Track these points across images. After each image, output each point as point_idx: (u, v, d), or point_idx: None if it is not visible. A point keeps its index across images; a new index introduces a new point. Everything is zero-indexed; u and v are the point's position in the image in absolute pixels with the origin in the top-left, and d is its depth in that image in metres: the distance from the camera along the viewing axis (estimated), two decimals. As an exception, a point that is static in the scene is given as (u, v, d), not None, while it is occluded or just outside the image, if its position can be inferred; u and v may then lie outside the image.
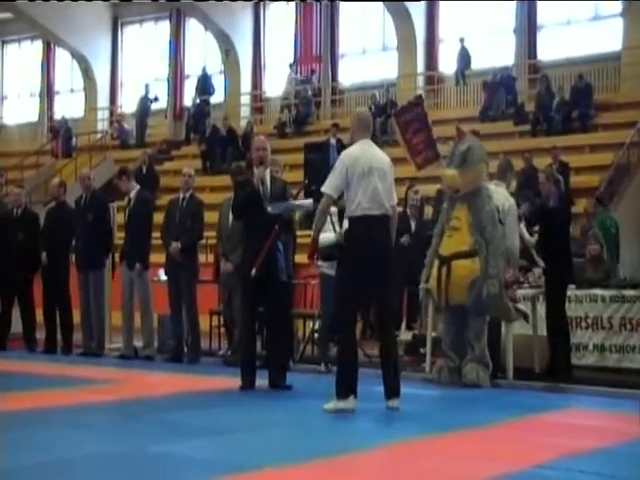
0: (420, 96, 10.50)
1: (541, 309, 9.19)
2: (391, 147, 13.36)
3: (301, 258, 9.60)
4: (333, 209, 9.17)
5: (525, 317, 8.86)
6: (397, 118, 9.48)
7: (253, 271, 7.39)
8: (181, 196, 10.19)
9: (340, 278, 6.65)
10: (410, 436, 5.64)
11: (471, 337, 8.04)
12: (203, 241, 11.24)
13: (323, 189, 6.59)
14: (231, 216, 9.77)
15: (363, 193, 6.47)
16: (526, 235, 9.04)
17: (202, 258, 11.11)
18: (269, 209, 7.53)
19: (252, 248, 7.57)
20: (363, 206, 6.47)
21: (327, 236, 9.07)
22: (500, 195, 8.48)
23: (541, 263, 9.01)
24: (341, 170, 6.53)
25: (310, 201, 7.79)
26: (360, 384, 6.42)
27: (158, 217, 10.94)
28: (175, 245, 9.90)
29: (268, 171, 7.81)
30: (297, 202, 7.89)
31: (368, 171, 6.51)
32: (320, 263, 9.17)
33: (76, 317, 10.95)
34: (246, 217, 7.80)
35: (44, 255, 10.83)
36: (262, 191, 7.68)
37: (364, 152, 6.62)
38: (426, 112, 9.76)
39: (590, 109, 17.14)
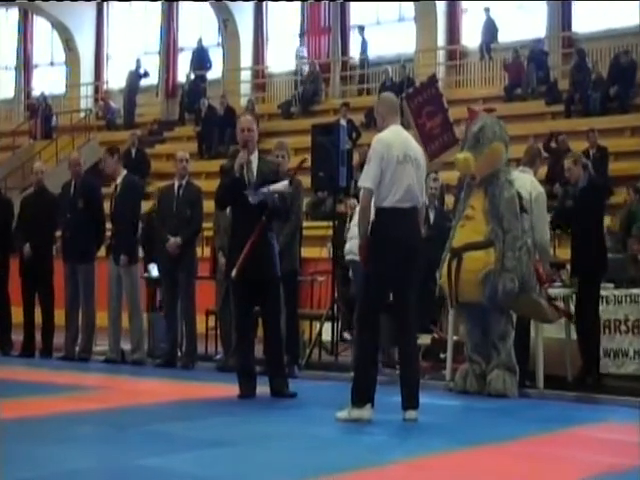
0: (434, 75, 10.47)
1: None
2: (408, 131, 13.36)
3: (308, 252, 9.63)
4: (285, 183, 9.22)
5: (568, 316, 8.77)
6: (409, 101, 9.50)
7: (233, 272, 7.43)
8: (177, 184, 10.22)
9: (366, 275, 6.70)
10: (428, 452, 5.66)
11: (495, 339, 8.04)
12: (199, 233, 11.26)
13: (361, 183, 6.63)
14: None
15: (397, 183, 6.52)
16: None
17: (198, 252, 11.13)
18: (249, 199, 7.50)
19: (236, 244, 7.59)
20: (396, 197, 6.52)
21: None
22: (525, 181, 8.44)
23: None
24: (376, 158, 6.58)
25: (285, 183, 7.75)
26: (385, 394, 6.45)
27: (146, 206, 10.97)
28: (174, 240, 9.93)
29: (255, 155, 7.78)
30: (272, 187, 7.72)
31: (403, 159, 6.59)
32: (351, 250, 9.17)
33: (58, 317, 11.00)
34: (231, 207, 7.83)
35: (27, 247, 10.86)
36: (247, 178, 7.64)
37: (397, 138, 6.69)
38: (441, 93, 9.79)
39: (632, 87, 17.10)
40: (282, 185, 7.75)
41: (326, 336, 10.82)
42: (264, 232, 7.57)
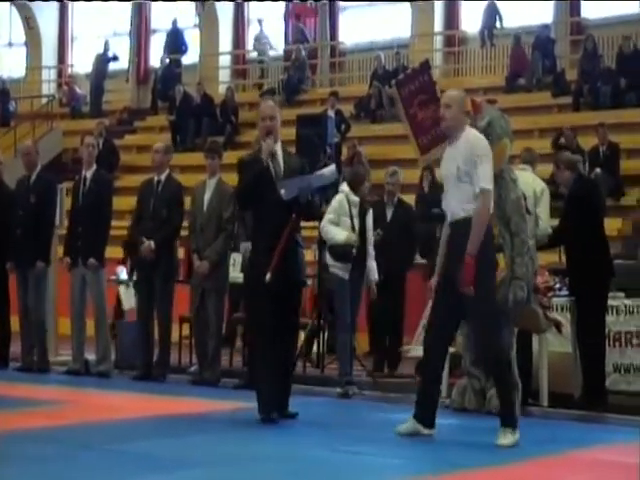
0: (426, 61, 10.47)
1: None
2: (400, 123, 13.37)
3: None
4: (355, 199, 9.27)
5: (557, 327, 8.83)
6: (399, 89, 9.51)
7: (267, 276, 7.13)
8: (155, 179, 10.19)
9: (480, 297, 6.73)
10: (419, 475, 5.66)
11: (497, 352, 8.06)
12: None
13: (486, 185, 6.71)
14: (206, 203, 9.82)
15: None
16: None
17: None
18: (282, 193, 7.24)
19: (263, 245, 7.34)
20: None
21: (338, 231, 9.18)
22: (527, 179, 8.50)
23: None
24: (490, 158, 6.81)
25: (332, 168, 7.60)
26: (371, 410, 6.45)
27: (116, 203, 10.93)
28: (147, 244, 9.91)
29: (279, 145, 7.57)
30: (315, 175, 7.53)
31: None
32: (332, 262, 9.24)
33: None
34: (254, 205, 7.51)
35: None
36: (274, 170, 7.42)
37: None
38: (435, 80, 9.77)
39: (641, 78, 17.12)
40: (329, 171, 7.64)
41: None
42: (294, 231, 7.38)
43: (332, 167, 7.72)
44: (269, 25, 23.00)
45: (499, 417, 6.81)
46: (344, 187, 9.41)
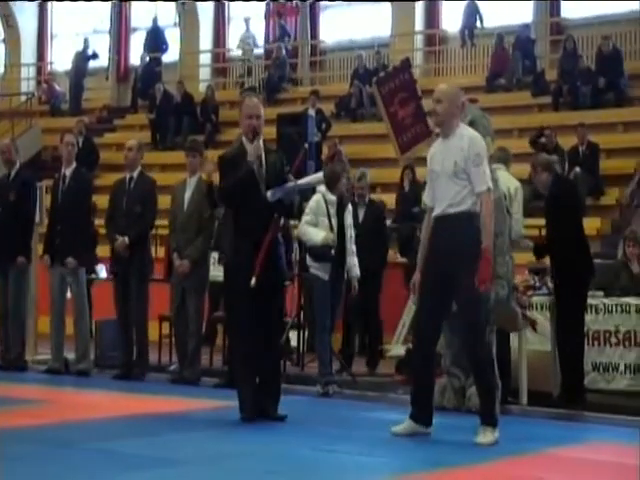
0: (407, 59, 10.51)
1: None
2: (381, 122, 13.39)
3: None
4: (332, 197, 9.28)
5: (533, 325, 8.86)
6: (379, 87, 9.50)
7: (253, 281, 7.09)
8: (127, 176, 10.18)
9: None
10: (401, 473, 5.67)
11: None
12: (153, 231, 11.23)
13: (490, 185, 6.78)
14: (186, 201, 9.81)
15: None
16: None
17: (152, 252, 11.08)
18: (268, 195, 7.21)
19: (245, 246, 7.29)
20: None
21: (316, 232, 9.18)
22: (504, 178, 8.54)
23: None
24: (485, 158, 6.87)
25: (320, 175, 7.60)
26: (350, 409, 6.46)
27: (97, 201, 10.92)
28: (122, 240, 9.90)
29: (261, 143, 7.46)
30: (303, 180, 7.52)
31: None
32: (311, 263, 9.25)
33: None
34: (238, 205, 7.41)
35: None
36: (258, 172, 7.32)
37: None
38: (415, 79, 9.76)
39: (621, 78, 17.20)
40: (316, 178, 7.71)
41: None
42: (276, 233, 7.36)
43: (319, 174, 7.75)
44: (251, 24, 22.96)
45: (479, 415, 6.83)
46: (321, 187, 9.42)
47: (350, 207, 9.61)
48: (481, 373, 6.89)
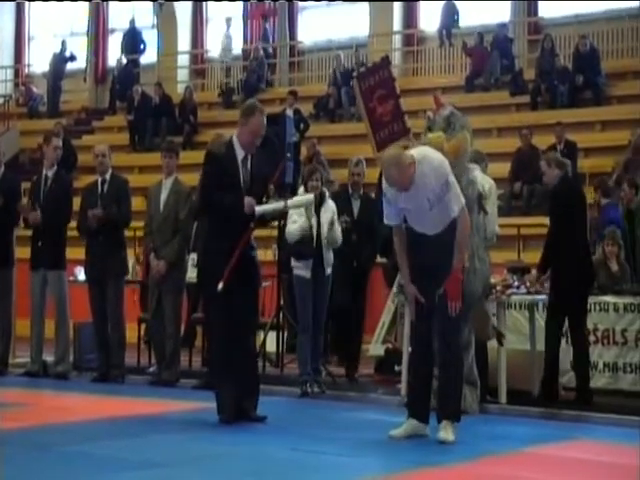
0: (387, 57, 10.52)
1: (541, 319, 9.28)
2: (359, 122, 13.40)
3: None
4: (310, 197, 9.25)
5: (499, 339, 8.75)
6: (360, 82, 9.50)
7: (220, 285, 7.12)
8: (99, 179, 10.15)
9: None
10: (380, 473, 5.68)
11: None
12: (130, 233, 11.21)
13: (458, 208, 6.73)
14: (162, 203, 9.78)
15: None
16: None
17: (129, 254, 11.04)
18: (256, 210, 7.23)
19: (216, 248, 7.31)
20: None
21: (292, 227, 9.14)
22: (479, 178, 8.57)
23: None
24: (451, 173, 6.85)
25: (310, 197, 7.69)
26: (330, 410, 6.46)
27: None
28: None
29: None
30: (293, 201, 7.71)
31: None
32: (294, 263, 9.22)
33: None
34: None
35: None
36: (242, 177, 7.36)
37: None
38: (394, 77, 9.77)
39: (599, 77, 17.27)
40: (306, 199, 8.01)
41: (271, 347, 10.85)
42: (249, 239, 7.40)
43: (310, 196, 7.82)
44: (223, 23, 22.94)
45: (445, 412, 6.77)
46: (300, 189, 9.36)
47: (331, 203, 9.38)
48: (456, 371, 6.87)
